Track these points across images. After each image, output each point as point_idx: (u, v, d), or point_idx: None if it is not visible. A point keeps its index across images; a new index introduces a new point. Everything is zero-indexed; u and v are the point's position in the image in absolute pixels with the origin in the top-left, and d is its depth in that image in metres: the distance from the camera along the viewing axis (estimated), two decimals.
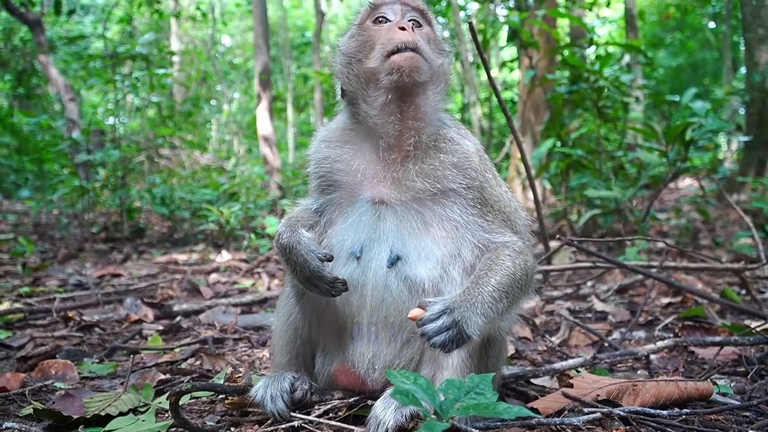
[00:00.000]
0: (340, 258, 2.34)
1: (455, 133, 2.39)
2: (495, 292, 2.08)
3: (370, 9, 2.40)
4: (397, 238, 2.28)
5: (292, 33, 36.93)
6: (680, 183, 15.29)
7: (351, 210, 2.38)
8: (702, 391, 2.51)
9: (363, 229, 2.32)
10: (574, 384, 2.54)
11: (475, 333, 2.02)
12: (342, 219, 2.40)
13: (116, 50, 10.81)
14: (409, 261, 2.26)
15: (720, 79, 32.40)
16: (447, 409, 1.59)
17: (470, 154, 2.34)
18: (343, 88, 2.42)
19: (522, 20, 10.38)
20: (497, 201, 2.35)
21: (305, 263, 2.24)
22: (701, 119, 6.62)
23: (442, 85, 2.38)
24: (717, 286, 5.32)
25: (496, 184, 2.40)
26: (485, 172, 2.37)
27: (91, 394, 2.76)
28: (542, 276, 5.49)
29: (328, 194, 2.46)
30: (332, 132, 2.51)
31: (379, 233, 2.30)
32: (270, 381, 2.38)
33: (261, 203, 10.90)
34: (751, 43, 11.80)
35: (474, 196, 2.29)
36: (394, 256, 2.26)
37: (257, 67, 17.19)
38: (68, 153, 10.04)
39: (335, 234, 2.40)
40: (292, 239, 2.28)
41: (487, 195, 2.32)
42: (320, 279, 2.24)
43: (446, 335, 1.98)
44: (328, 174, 2.44)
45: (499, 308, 2.09)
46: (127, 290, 5.66)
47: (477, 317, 2.03)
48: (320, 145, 2.50)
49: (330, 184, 2.45)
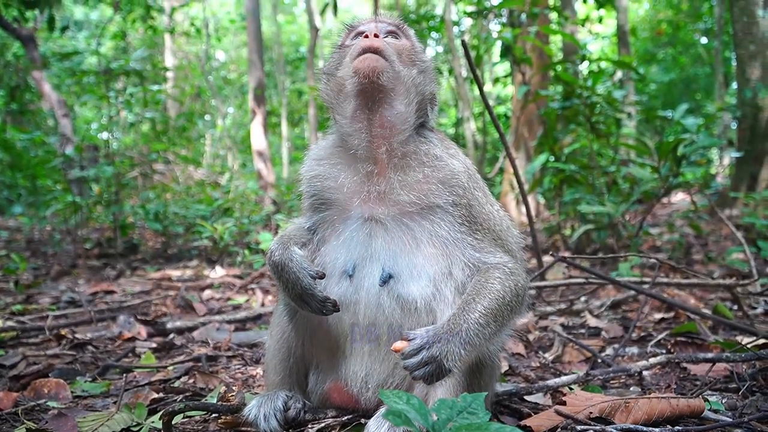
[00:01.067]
0: (333, 276, 2.36)
1: (441, 150, 2.40)
2: (482, 318, 2.09)
3: (348, 30, 2.53)
4: (388, 256, 2.30)
5: (286, 48, 37.10)
6: (673, 198, 15.37)
7: (343, 228, 2.40)
8: (694, 408, 2.52)
9: (355, 247, 2.34)
10: (567, 401, 2.54)
11: (455, 365, 2.04)
12: (334, 237, 2.42)
13: (110, 66, 10.85)
14: (401, 279, 2.27)
15: (712, 95, 32.66)
16: (439, 429, 1.59)
17: (457, 172, 2.34)
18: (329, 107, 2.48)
19: (515, 36, 10.45)
20: (487, 219, 2.35)
21: (297, 281, 2.26)
22: (693, 135, 6.67)
23: (414, 97, 2.36)
24: (709, 301, 5.34)
25: (486, 202, 2.40)
26: (474, 190, 2.37)
27: (84, 413, 2.75)
28: (536, 292, 5.51)
29: (321, 212, 2.49)
30: (323, 149, 2.55)
31: (371, 251, 2.32)
32: (263, 400, 2.38)
33: (255, 218, 10.89)
34: (743, 59, 11.92)
35: (462, 214, 2.30)
36: (386, 275, 2.28)
37: (251, 83, 17.28)
38: (61, 169, 10.05)
39: (328, 252, 2.42)
40: (284, 257, 2.30)
41: (475, 213, 2.32)
42: (311, 297, 2.25)
43: (425, 369, 2.00)
44: (319, 192, 2.48)
45: (486, 333, 2.10)
46: (120, 307, 5.65)
47: (458, 348, 2.04)
48: (311, 164, 2.54)
49: (322, 202, 2.48)
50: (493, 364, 2.34)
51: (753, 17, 11.67)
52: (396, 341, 2.08)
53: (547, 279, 5.94)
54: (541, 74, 12.56)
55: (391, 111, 2.31)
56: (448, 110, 25.22)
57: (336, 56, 2.48)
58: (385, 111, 2.30)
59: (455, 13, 20.15)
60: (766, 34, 11.58)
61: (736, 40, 12.18)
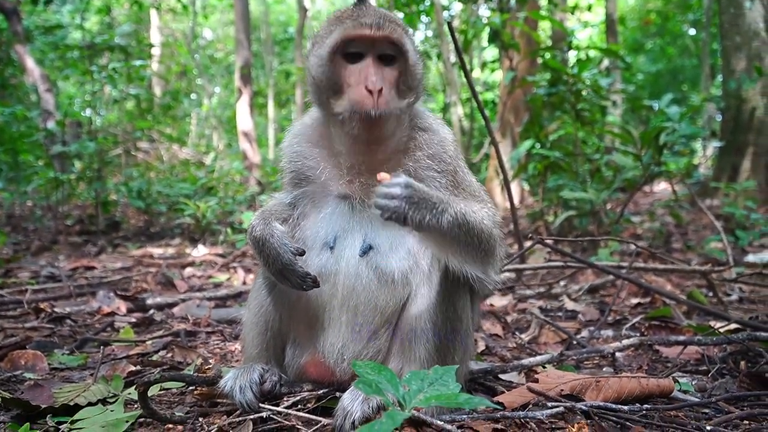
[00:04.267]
0: (314, 248, 2.39)
1: (432, 120, 2.49)
2: (458, 217, 2.10)
3: (342, 43, 2.27)
4: (370, 227, 2.35)
5: (274, 28, 36.78)
6: (656, 187, 15.52)
7: (324, 203, 2.45)
8: (663, 388, 2.57)
9: (336, 220, 2.39)
10: (539, 379, 2.58)
11: (413, 223, 2.05)
12: (315, 212, 2.46)
13: (94, 41, 10.71)
14: (381, 251, 2.32)
15: (698, 86, 32.88)
16: (409, 399, 1.62)
17: (447, 141, 2.44)
18: None
19: (503, 22, 10.47)
20: (469, 186, 2.44)
21: (278, 256, 2.27)
22: (675, 124, 6.73)
23: (407, 114, 2.39)
24: (686, 287, 5.42)
25: (467, 171, 2.50)
26: (458, 159, 2.46)
27: (60, 384, 2.75)
28: (516, 275, 5.57)
29: (301, 187, 2.52)
30: (306, 128, 2.57)
31: (352, 224, 2.37)
32: (239, 372, 2.39)
33: (239, 198, 10.86)
34: (728, 50, 12.01)
35: (447, 180, 2.37)
36: (367, 245, 2.32)
37: (238, 62, 17.14)
38: (43, 144, 9.94)
39: (309, 226, 2.45)
40: (266, 232, 2.31)
41: (459, 179, 2.41)
42: (292, 272, 2.26)
43: (391, 203, 2.03)
44: (300, 170, 2.51)
45: (454, 233, 2.11)
46: (100, 283, 5.62)
47: (427, 214, 2.05)
48: (293, 140, 2.57)
49: (302, 179, 2.51)
50: (468, 338, 2.37)
51: (740, 8, 11.74)
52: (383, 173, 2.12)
53: (528, 263, 6.00)
54: (528, 60, 12.58)
55: (381, 131, 2.32)
56: (436, 95, 25.16)
57: (326, 67, 2.31)
58: (375, 132, 2.31)
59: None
60: (752, 25, 11.66)
61: (722, 31, 12.26)
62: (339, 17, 2.38)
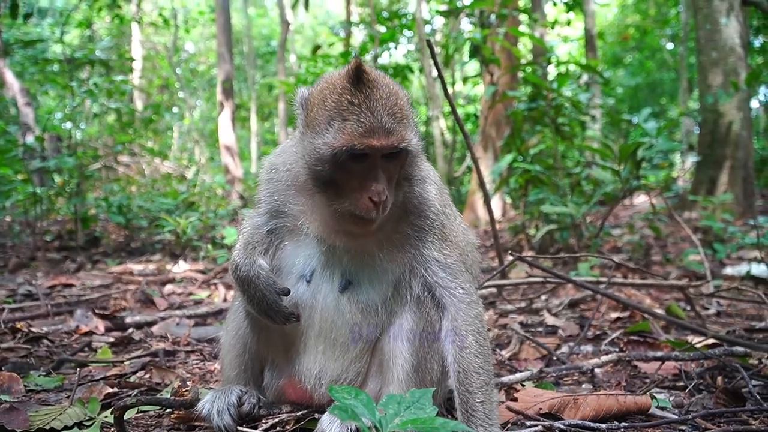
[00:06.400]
0: (289, 279, 2.37)
1: (416, 172, 2.35)
2: (483, 396, 2.17)
3: (346, 151, 2.04)
4: (349, 265, 2.31)
5: (257, 42, 36.82)
6: (636, 200, 15.67)
7: (302, 235, 2.37)
8: (641, 405, 2.59)
9: (314, 254, 2.35)
10: (518, 398, 2.60)
11: None
12: (292, 242, 2.40)
13: (74, 55, 10.64)
14: (361, 286, 2.30)
15: (676, 99, 33.39)
16: (386, 424, 1.62)
17: (431, 200, 2.34)
18: None
19: (484, 37, 10.56)
20: (456, 236, 2.40)
21: (263, 297, 2.26)
22: (652, 139, 6.82)
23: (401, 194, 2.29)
24: (665, 301, 5.47)
25: (453, 217, 2.47)
26: (445, 207, 2.41)
27: (36, 407, 2.71)
28: (497, 290, 5.59)
29: (277, 218, 2.43)
30: (286, 164, 2.40)
31: (332, 261, 2.32)
32: (217, 395, 2.38)
33: (221, 213, 10.80)
34: (705, 65, 12.19)
35: (434, 234, 2.33)
36: (346, 282, 2.30)
37: (220, 76, 17.14)
38: (22, 159, 9.81)
39: (285, 256, 2.41)
40: (251, 273, 2.28)
41: (447, 231, 2.37)
42: (276, 312, 2.26)
43: None
44: (279, 208, 2.41)
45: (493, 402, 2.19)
46: (78, 301, 5.56)
47: None
48: (274, 176, 2.44)
49: (281, 214, 2.42)
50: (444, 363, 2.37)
51: (716, 25, 11.94)
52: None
53: (509, 278, 6.03)
54: (509, 75, 12.71)
55: (373, 226, 2.20)
56: (417, 108, 25.30)
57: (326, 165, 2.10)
58: (368, 227, 2.19)
59: (427, 12, 20.22)
60: (728, 41, 11.86)
61: (699, 46, 12.45)
62: (340, 109, 2.07)
